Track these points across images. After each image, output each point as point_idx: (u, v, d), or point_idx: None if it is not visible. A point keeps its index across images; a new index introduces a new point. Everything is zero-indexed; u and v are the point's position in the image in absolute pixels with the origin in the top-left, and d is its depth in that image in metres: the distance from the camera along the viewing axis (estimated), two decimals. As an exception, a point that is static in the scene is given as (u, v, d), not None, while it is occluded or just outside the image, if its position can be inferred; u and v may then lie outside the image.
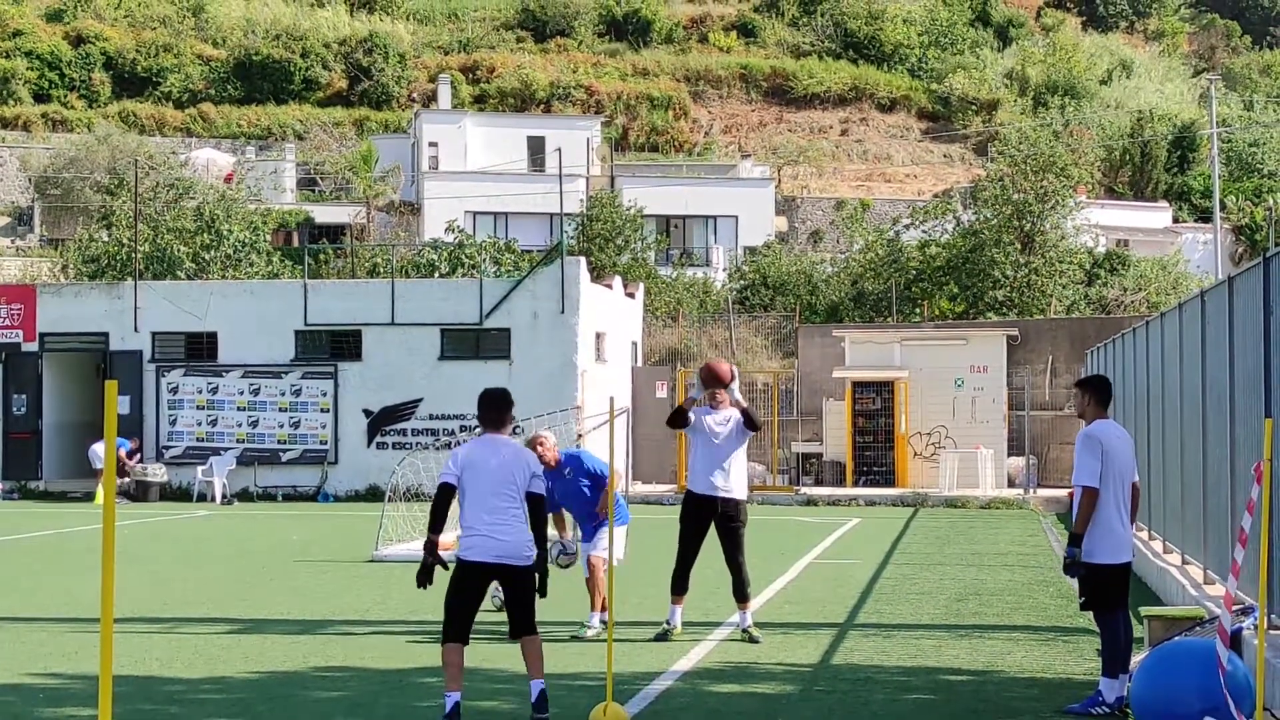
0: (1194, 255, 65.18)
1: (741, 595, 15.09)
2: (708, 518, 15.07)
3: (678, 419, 15.30)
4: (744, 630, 15.03)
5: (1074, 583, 12.18)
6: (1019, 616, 16.94)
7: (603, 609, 15.15)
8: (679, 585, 15.11)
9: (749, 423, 15.05)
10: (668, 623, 15.09)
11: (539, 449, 14.94)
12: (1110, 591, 11.68)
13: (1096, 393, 11.99)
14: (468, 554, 11.27)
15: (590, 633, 15.17)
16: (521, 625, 11.30)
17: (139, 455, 38.68)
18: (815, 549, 25.25)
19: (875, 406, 39.13)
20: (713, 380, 15.16)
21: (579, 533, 15.87)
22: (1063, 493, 35.93)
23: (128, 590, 18.66)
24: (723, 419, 15.13)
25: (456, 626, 11.18)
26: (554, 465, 15.11)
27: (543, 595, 11.40)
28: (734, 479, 15.05)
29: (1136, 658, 12.53)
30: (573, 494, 15.41)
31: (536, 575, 11.33)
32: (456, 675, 11.08)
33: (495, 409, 11.61)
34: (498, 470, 11.29)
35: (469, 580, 11.28)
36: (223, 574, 21.63)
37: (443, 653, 11.18)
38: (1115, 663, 11.61)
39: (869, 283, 53.00)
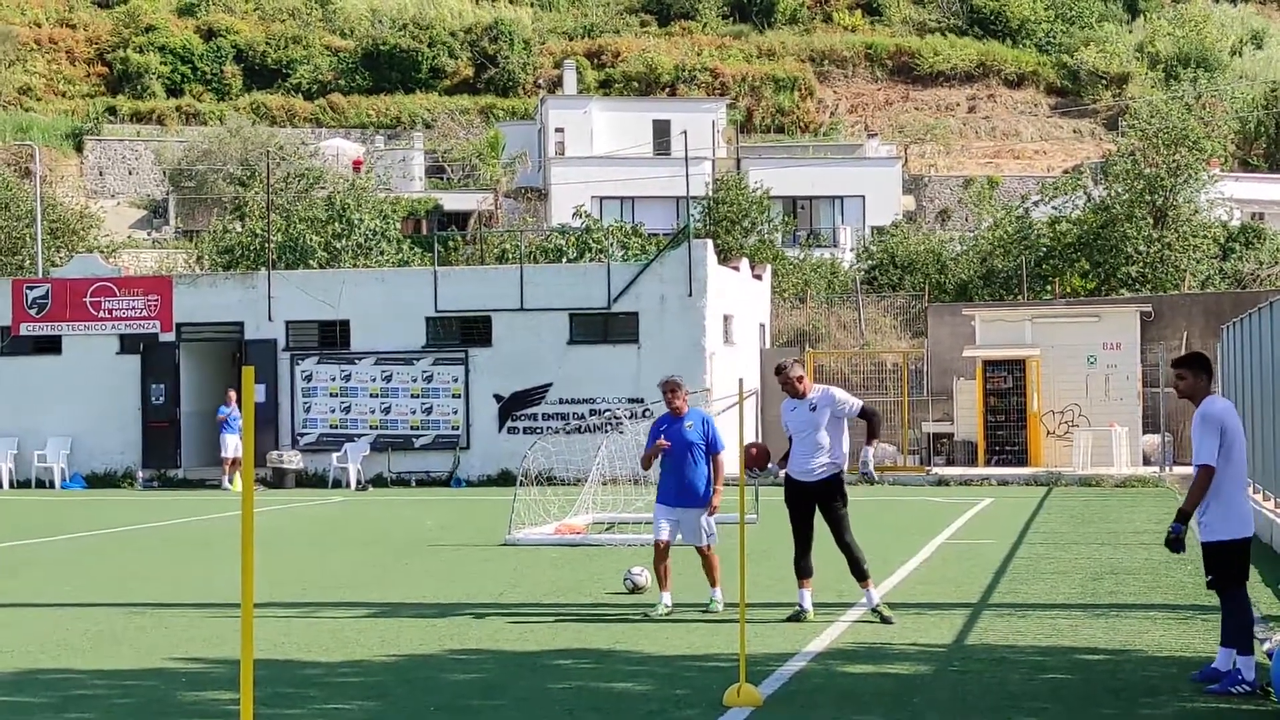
0: (1332, 227, 63.95)
1: (859, 573, 15.06)
2: (806, 501, 15.10)
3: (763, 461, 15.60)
4: (874, 610, 14.96)
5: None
6: (1156, 595, 16.74)
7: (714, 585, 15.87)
8: (801, 569, 15.15)
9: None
10: (799, 606, 15.08)
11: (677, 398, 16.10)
12: (1235, 567, 11.56)
13: (1205, 371, 11.91)
14: None
15: (657, 612, 15.45)
16: None
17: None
18: (947, 529, 25.09)
19: (1007, 385, 38.81)
20: (752, 461, 15.30)
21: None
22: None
23: (266, 576, 18.93)
24: (797, 408, 15.31)
25: None
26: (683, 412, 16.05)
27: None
28: (819, 460, 15.00)
29: (1277, 636, 12.36)
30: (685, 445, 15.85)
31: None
32: None
33: None
34: None
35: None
36: (358, 559, 21.88)
37: None
38: (1246, 638, 11.46)
39: (998, 260, 52.55)
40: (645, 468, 16.65)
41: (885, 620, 14.77)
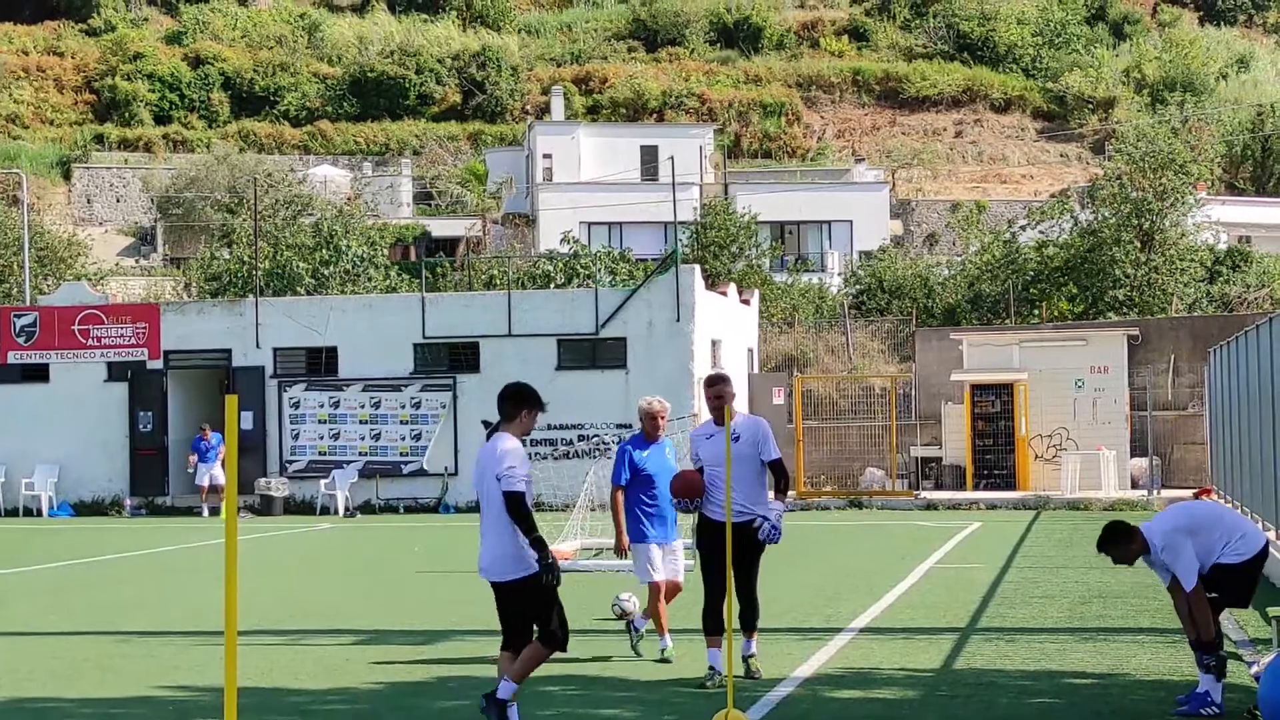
0: (1319, 250, 64.10)
1: (750, 624, 13.51)
2: (723, 545, 12.62)
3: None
4: (745, 659, 13.44)
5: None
6: (1144, 619, 16.75)
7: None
8: (714, 624, 13.10)
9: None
10: (711, 669, 13.14)
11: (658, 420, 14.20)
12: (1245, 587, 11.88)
13: (1125, 538, 11.75)
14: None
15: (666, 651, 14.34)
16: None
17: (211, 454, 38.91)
18: (936, 553, 25.10)
19: (995, 409, 38.84)
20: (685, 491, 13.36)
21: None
22: (1187, 493, 35.49)
23: (253, 603, 18.90)
24: (716, 436, 13.14)
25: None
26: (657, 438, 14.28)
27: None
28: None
29: (1265, 659, 12.38)
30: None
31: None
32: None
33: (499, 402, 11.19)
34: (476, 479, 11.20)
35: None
36: (346, 586, 21.85)
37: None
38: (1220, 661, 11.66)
39: (986, 285, 52.62)
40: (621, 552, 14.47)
41: (751, 674, 13.27)
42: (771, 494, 13.19)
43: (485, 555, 11.07)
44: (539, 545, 10.77)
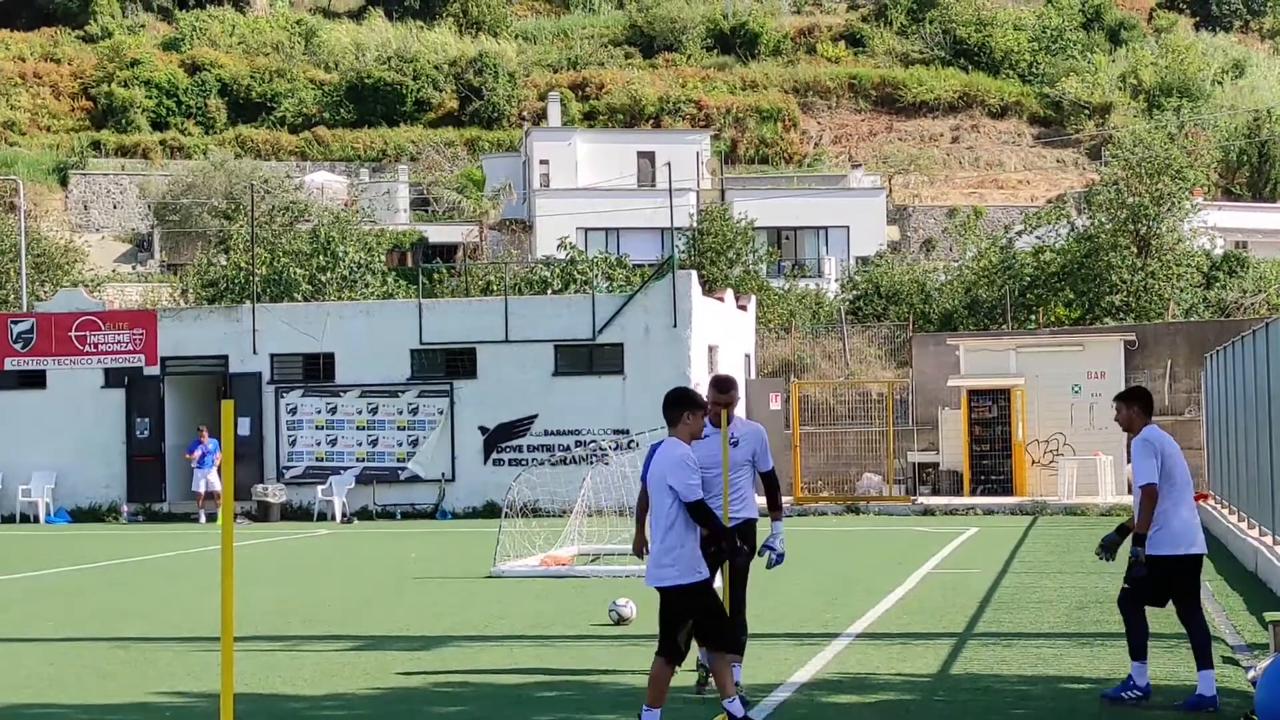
0: (1315, 255, 64.15)
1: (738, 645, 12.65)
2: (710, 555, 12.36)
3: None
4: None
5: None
6: (1141, 624, 16.72)
7: None
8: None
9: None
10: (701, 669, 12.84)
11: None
12: (1186, 582, 12.32)
13: (1141, 403, 12.54)
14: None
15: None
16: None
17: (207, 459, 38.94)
18: (933, 559, 25.09)
19: (991, 415, 38.84)
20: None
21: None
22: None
23: (249, 609, 18.89)
24: (711, 438, 12.56)
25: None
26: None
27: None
28: (732, 505, 12.68)
29: (1262, 664, 12.39)
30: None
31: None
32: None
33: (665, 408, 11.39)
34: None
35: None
36: (343, 592, 21.84)
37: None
38: (1142, 650, 12.20)
39: (983, 290, 52.63)
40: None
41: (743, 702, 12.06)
42: (769, 511, 12.75)
43: (652, 559, 11.09)
44: (717, 532, 11.07)
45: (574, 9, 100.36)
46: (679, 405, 11.24)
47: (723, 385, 12.68)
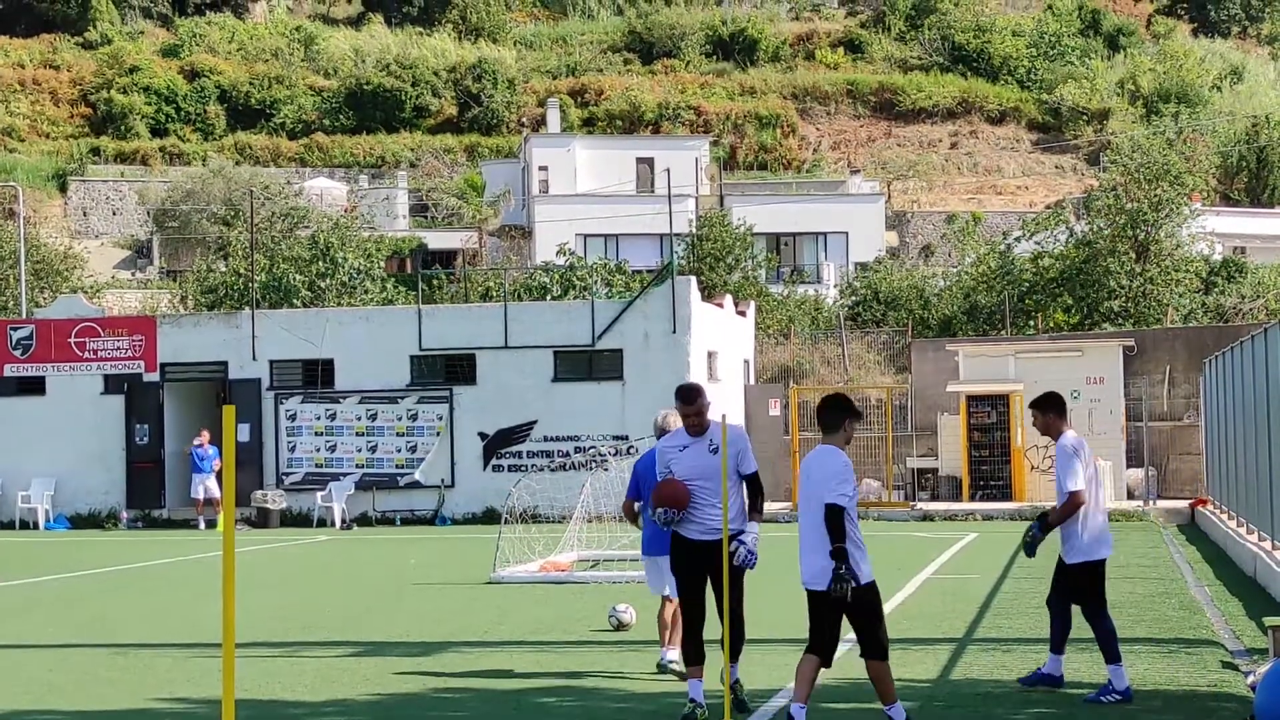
0: (1314, 261, 64.14)
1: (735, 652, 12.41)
2: (700, 567, 12.32)
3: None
4: (733, 684, 12.31)
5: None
6: (1140, 629, 16.76)
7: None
8: (693, 652, 12.29)
9: None
10: (691, 700, 12.09)
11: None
12: (1098, 586, 13.33)
13: (1057, 410, 13.35)
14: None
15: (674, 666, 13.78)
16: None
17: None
18: (932, 564, 25.10)
19: (990, 420, 38.82)
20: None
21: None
22: (1183, 504, 35.55)
23: (250, 615, 18.90)
24: (691, 447, 12.31)
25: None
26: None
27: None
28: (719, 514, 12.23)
29: (1261, 669, 12.40)
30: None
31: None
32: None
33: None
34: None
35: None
36: (343, 598, 21.84)
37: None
38: (1114, 648, 12.72)
39: (982, 296, 52.65)
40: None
41: (739, 699, 12.43)
42: (748, 512, 12.26)
43: (805, 564, 11.11)
44: (839, 555, 10.89)
45: (573, 16, 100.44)
46: (840, 410, 11.32)
47: (687, 396, 12.13)
